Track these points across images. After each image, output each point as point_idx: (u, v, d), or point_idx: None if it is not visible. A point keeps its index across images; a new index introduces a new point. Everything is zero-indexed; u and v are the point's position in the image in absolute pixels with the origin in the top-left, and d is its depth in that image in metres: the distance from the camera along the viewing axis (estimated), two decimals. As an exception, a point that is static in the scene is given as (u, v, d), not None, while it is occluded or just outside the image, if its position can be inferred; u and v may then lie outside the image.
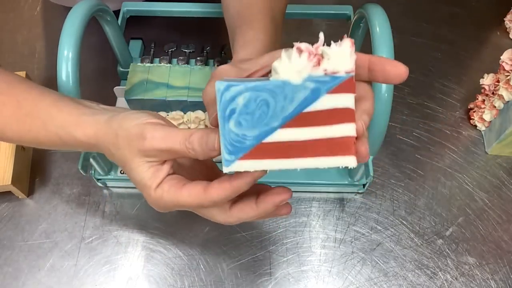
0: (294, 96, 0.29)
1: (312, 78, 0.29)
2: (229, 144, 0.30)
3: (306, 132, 0.30)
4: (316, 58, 0.29)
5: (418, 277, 0.56)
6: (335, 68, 0.29)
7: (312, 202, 0.61)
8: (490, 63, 0.72)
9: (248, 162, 0.30)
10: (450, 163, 0.64)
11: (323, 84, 0.29)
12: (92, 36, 0.66)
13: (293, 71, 0.29)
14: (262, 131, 0.29)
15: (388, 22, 0.46)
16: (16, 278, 0.56)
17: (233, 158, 0.30)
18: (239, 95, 0.29)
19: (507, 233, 0.59)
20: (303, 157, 0.30)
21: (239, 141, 0.30)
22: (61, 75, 0.46)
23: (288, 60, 0.29)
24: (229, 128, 0.29)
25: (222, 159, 0.30)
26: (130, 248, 0.57)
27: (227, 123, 0.29)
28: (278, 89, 0.29)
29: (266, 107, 0.29)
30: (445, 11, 0.80)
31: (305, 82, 0.29)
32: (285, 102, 0.29)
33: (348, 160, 0.30)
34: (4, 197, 0.60)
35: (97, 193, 0.61)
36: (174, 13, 0.65)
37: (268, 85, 0.29)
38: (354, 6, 0.63)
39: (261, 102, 0.29)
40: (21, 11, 0.80)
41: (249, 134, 0.30)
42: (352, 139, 0.30)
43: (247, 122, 0.29)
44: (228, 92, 0.29)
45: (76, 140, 0.37)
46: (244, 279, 0.55)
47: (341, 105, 0.29)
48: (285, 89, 0.29)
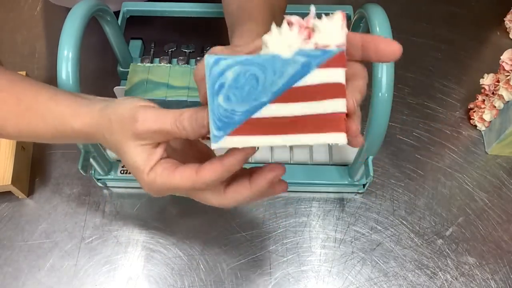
0: (284, 70, 0.28)
1: (303, 52, 0.28)
2: (218, 119, 0.29)
3: (296, 108, 0.29)
4: (307, 31, 0.28)
5: (418, 277, 0.56)
6: (326, 41, 0.28)
7: (312, 202, 0.61)
8: (490, 63, 0.72)
9: (236, 138, 0.29)
10: (450, 163, 0.64)
11: (314, 58, 0.28)
12: (92, 36, 0.66)
13: (283, 44, 0.28)
14: (251, 106, 0.29)
15: (388, 22, 0.46)
16: (16, 278, 0.56)
17: (222, 134, 0.29)
18: (228, 69, 0.28)
19: (507, 233, 0.59)
20: (292, 134, 0.29)
21: (228, 116, 0.29)
22: (61, 75, 0.46)
23: (279, 33, 0.28)
24: (218, 103, 0.29)
25: (210, 135, 0.30)
26: (130, 248, 0.57)
27: (216, 98, 0.29)
28: (267, 63, 0.28)
29: (256, 81, 0.28)
30: (445, 11, 0.80)
31: (295, 56, 0.28)
32: (275, 77, 0.28)
33: (338, 137, 0.29)
34: (4, 197, 0.60)
35: (97, 193, 0.61)
36: (174, 13, 0.65)
37: (257, 59, 0.28)
38: (354, 6, 0.63)
39: (251, 77, 0.28)
40: (21, 11, 0.80)
41: (238, 109, 0.29)
42: (342, 116, 0.29)
43: (236, 97, 0.29)
44: (217, 66, 0.28)
45: (73, 131, 0.38)
46: (244, 279, 0.55)
47: (332, 80, 0.28)
48: (275, 63, 0.28)
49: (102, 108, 0.36)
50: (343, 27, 0.28)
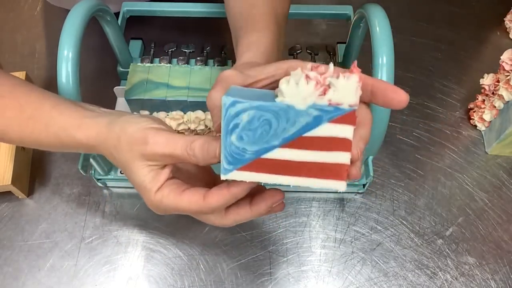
0: (297, 120, 0.30)
1: (316, 106, 0.30)
2: (229, 155, 0.31)
3: (303, 154, 0.31)
4: (323, 88, 0.29)
5: (418, 277, 0.56)
6: (340, 100, 0.30)
7: (312, 202, 0.61)
8: (490, 63, 0.72)
9: (245, 173, 0.32)
10: (450, 163, 0.64)
11: (326, 113, 0.30)
12: (92, 36, 0.66)
13: (299, 97, 0.30)
14: (261, 147, 0.31)
15: (388, 22, 0.46)
16: (16, 278, 0.56)
17: (232, 168, 0.32)
18: (243, 112, 0.30)
19: (507, 233, 0.59)
20: (296, 176, 0.32)
21: (239, 153, 0.31)
22: (61, 75, 0.46)
23: (296, 86, 0.29)
24: (231, 141, 0.31)
25: (221, 166, 0.32)
26: (130, 248, 0.57)
27: (229, 136, 0.31)
28: (282, 112, 0.30)
29: (269, 126, 0.31)
30: (445, 11, 0.80)
31: (309, 109, 0.30)
32: (287, 125, 0.30)
33: (339, 185, 0.32)
34: (4, 197, 0.60)
35: (97, 193, 0.61)
36: (174, 13, 0.65)
37: (272, 107, 0.30)
38: (354, 6, 0.63)
39: (264, 121, 0.30)
40: (21, 11, 0.80)
41: (249, 148, 0.31)
42: (345, 166, 0.31)
43: (248, 138, 0.31)
44: (233, 108, 0.30)
45: (77, 142, 0.38)
46: (244, 279, 0.55)
47: (340, 135, 0.31)
48: (289, 112, 0.30)
49: (110, 124, 0.36)
50: (358, 89, 0.30)
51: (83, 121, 0.38)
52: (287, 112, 0.30)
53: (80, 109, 0.39)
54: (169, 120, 0.58)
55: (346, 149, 0.31)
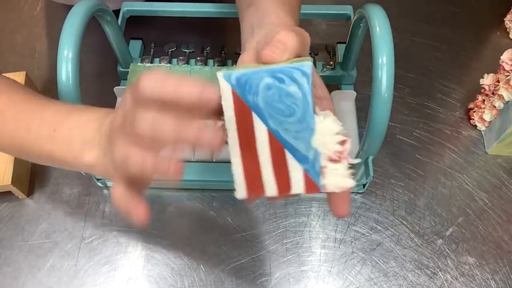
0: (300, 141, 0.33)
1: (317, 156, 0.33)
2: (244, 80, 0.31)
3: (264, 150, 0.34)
4: (335, 159, 0.34)
5: (418, 277, 0.56)
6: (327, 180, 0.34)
7: (312, 202, 0.61)
8: (490, 63, 0.72)
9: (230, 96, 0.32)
10: (450, 163, 0.64)
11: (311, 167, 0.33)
12: (92, 36, 0.66)
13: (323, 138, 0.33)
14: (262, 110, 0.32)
15: (388, 22, 0.46)
16: (16, 278, 0.56)
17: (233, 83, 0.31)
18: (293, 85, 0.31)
19: (507, 233, 0.59)
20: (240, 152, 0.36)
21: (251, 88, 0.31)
22: (61, 75, 0.46)
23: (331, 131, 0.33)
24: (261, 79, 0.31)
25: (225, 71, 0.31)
26: (130, 248, 0.57)
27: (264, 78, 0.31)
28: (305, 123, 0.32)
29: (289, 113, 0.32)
30: (445, 11, 0.80)
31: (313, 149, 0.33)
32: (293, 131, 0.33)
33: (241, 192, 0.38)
34: (4, 197, 0.60)
35: (97, 193, 0.61)
36: (174, 13, 0.65)
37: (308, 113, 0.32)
38: (354, 6, 0.63)
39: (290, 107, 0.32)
40: (21, 11, 0.80)
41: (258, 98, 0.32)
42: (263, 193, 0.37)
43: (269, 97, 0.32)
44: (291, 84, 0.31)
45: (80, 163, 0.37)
46: (244, 279, 0.55)
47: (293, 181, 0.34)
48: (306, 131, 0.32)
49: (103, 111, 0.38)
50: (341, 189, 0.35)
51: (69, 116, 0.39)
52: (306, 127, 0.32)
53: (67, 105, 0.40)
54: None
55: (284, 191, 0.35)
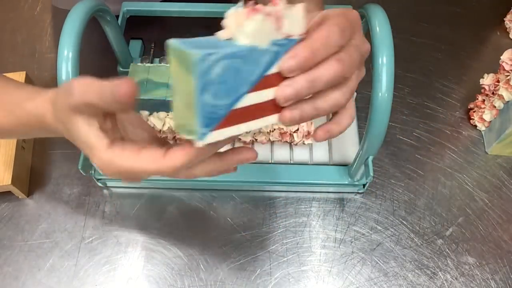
0: (260, 60, 0.30)
1: (275, 42, 0.30)
2: (205, 117, 0.28)
3: (268, 93, 0.31)
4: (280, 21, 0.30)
5: (418, 277, 0.56)
6: (292, 31, 0.30)
7: (312, 202, 0.61)
8: (490, 63, 0.72)
9: (219, 131, 0.30)
10: (450, 163, 0.64)
11: (283, 47, 0.30)
12: (92, 36, 0.66)
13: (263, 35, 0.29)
14: (233, 98, 0.29)
15: (388, 22, 0.46)
16: (16, 278, 0.56)
17: (207, 131, 0.29)
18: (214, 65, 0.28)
19: (507, 233, 0.59)
20: (263, 117, 0.31)
21: (214, 112, 0.29)
22: (61, 75, 0.46)
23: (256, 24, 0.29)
24: (205, 101, 0.28)
25: (192, 132, 0.29)
26: (130, 248, 0.57)
27: (203, 95, 0.28)
28: (248, 54, 0.29)
29: (237, 73, 0.29)
30: (445, 11, 0.80)
31: (271, 46, 0.30)
32: (253, 67, 0.29)
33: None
34: (4, 197, 0.60)
35: (97, 193, 0.61)
36: (174, 13, 0.65)
37: (241, 51, 0.29)
38: (354, 6, 0.63)
39: (234, 70, 0.29)
40: (21, 11, 0.80)
41: (222, 103, 0.29)
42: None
43: (222, 92, 0.29)
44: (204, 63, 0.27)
45: (28, 115, 0.38)
46: (244, 279, 0.55)
47: None
48: (254, 54, 0.29)
49: (53, 91, 0.36)
50: (304, 16, 0.30)
51: (35, 95, 0.38)
52: (252, 54, 0.29)
53: (38, 88, 0.39)
54: (169, 120, 0.58)
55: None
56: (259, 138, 0.60)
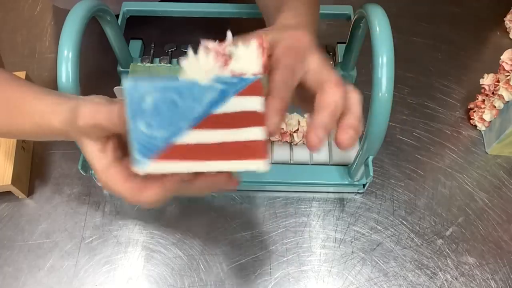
0: (202, 96, 0.29)
1: (220, 79, 0.28)
2: (139, 143, 0.29)
3: (217, 135, 0.29)
4: (224, 58, 0.29)
5: (418, 277, 0.56)
6: (243, 69, 0.29)
7: (312, 202, 0.61)
8: (490, 63, 0.72)
9: (161, 163, 0.30)
10: (450, 163, 0.64)
11: (231, 86, 0.29)
12: (92, 36, 0.66)
13: (200, 70, 0.28)
14: (171, 132, 0.29)
15: (388, 22, 0.46)
16: (16, 278, 0.56)
17: (144, 159, 0.30)
18: (147, 95, 0.28)
19: (507, 233, 0.59)
20: (215, 160, 0.30)
21: (149, 142, 0.29)
22: (61, 75, 0.46)
23: (195, 59, 0.28)
24: (139, 128, 0.29)
25: (131, 158, 0.30)
26: (130, 248, 0.57)
27: (136, 123, 0.29)
28: (185, 89, 0.28)
29: (175, 107, 0.29)
30: (445, 11, 0.80)
31: (214, 83, 0.28)
32: (194, 103, 0.29)
33: (257, 165, 0.30)
34: (4, 197, 0.60)
35: (97, 193, 0.61)
36: (174, 13, 0.65)
37: (176, 85, 0.28)
38: (354, 6, 0.63)
39: (170, 102, 0.28)
40: (21, 11, 0.80)
41: (158, 135, 0.29)
42: (261, 143, 0.30)
43: (157, 123, 0.29)
44: (135, 91, 0.28)
45: (54, 128, 0.39)
46: (244, 279, 0.55)
47: (249, 108, 0.29)
48: (194, 89, 0.28)
49: (73, 108, 0.37)
50: (259, 55, 0.29)
51: (56, 108, 0.39)
52: (191, 89, 0.28)
53: (57, 97, 0.40)
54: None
55: (259, 123, 0.29)
56: (259, 138, 0.60)
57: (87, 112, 0.34)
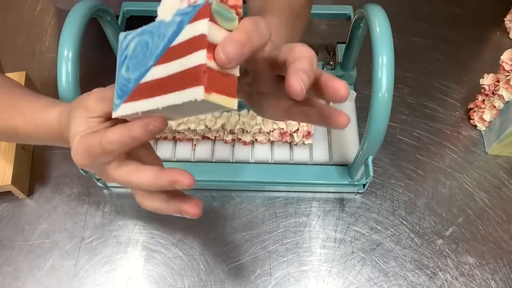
0: (166, 32, 0.29)
1: (179, 12, 0.29)
2: (119, 89, 0.32)
3: (170, 67, 0.29)
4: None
5: (418, 277, 0.56)
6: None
7: (312, 202, 0.61)
8: (490, 63, 0.72)
9: (128, 105, 0.31)
10: (450, 163, 0.64)
11: (186, 15, 0.28)
12: (92, 36, 0.66)
13: (167, 8, 0.29)
14: (140, 72, 0.30)
15: (388, 22, 0.46)
16: (16, 278, 0.56)
17: (119, 102, 0.31)
18: (131, 41, 0.31)
19: (507, 233, 0.59)
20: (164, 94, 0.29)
21: (125, 84, 0.31)
22: (61, 75, 0.46)
23: (166, 1, 0.29)
24: (121, 73, 0.31)
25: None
26: (130, 248, 0.57)
27: (120, 69, 0.31)
28: (155, 29, 0.30)
29: (146, 48, 0.30)
30: (445, 11, 0.80)
31: (175, 17, 0.29)
32: (159, 40, 0.29)
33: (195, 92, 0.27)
34: (4, 197, 0.60)
35: (97, 193, 0.61)
36: (174, 13, 0.65)
37: (149, 27, 0.30)
38: (354, 6, 0.63)
39: (143, 44, 0.30)
40: (21, 11, 0.80)
41: (132, 76, 0.31)
42: (201, 68, 0.27)
43: (133, 65, 0.31)
44: (125, 41, 0.31)
45: (45, 122, 0.39)
46: (244, 279, 0.55)
47: (197, 33, 0.28)
48: (160, 28, 0.29)
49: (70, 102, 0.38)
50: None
51: (53, 104, 0.40)
52: (159, 28, 0.29)
53: (52, 99, 0.42)
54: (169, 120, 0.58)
55: (202, 47, 0.27)
56: (259, 138, 0.60)
57: (92, 93, 0.35)
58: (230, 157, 0.60)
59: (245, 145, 0.61)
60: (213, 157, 0.60)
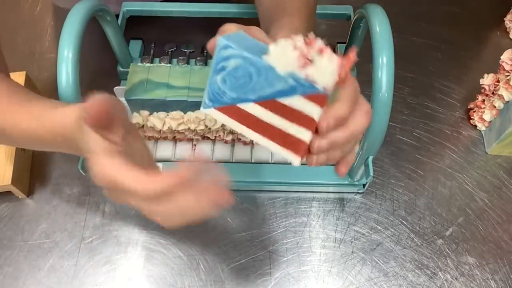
0: (274, 83, 0.32)
1: (294, 76, 0.31)
2: (211, 93, 0.35)
3: (272, 117, 0.33)
4: (305, 61, 0.31)
5: (418, 277, 0.56)
6: (316, 78, 0.31)
7: (312, 202, 0.61)
8: (490, 63, 0.72)
9: (219, 113, 0.35)
10: (450, 163, 0.64)
11: (301, 87, 0.31)
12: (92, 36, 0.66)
13: (282, 61, 0.31)
14: (239, 96, 0.34)
15: (388, 22, 0.46)
16: (16, 278, 0.56)
17: (211, 105, 0.35)
18: (232, 58, 0.33)
19: (507, 233, 0.59)
20: (261, 135, 0.34)
21: (219, 94, 0.34)
22: (61, 75, 0.46)
23: (282, 50, 0.31)
24: (216, 80, 0.34)
25: (202, 101, 0.36)
26: (130, 248, 0.57)
27: (216, 75, 0.34)
28: (264, 70, 0.32)
29: (249, 79, 0.33)
30: (445, 11, 0.80)
31: (288, 77, 0.31)
32: (265, 84, 0.32)
33: (293, 158, 0.34)
34: (4, 197, 0.60)
35: (97, 193, 0.61)
36: (174, 13, 0.65)
37: (258, 63, 0.32)
38: (354, 6, 0.63)
39: (247, 73, 0.33)
40: (21, 11, 0.80)
41: (228, 93, 0.34)
42: (304, 144, 0.33)
43: (231, 83, 0.34)
44: (225, 51, 0.33)
45: (54, 121, 0.39)
46: (244, 279, 0.55)
47: (308, 112, 0.32)
48: (269, 73, 0.32)
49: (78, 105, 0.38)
50: (334, 73, 0.30)
51: (61, 104, 0.40)
52: (268, 72, 0.32)
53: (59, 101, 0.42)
54: (169, 120, 0.58)
55: (310, 128, 0.32)
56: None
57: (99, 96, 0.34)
58: (230, 157, 0.60)
59: (245, 145, 0.61)
60: (213, 157, 0.60)
